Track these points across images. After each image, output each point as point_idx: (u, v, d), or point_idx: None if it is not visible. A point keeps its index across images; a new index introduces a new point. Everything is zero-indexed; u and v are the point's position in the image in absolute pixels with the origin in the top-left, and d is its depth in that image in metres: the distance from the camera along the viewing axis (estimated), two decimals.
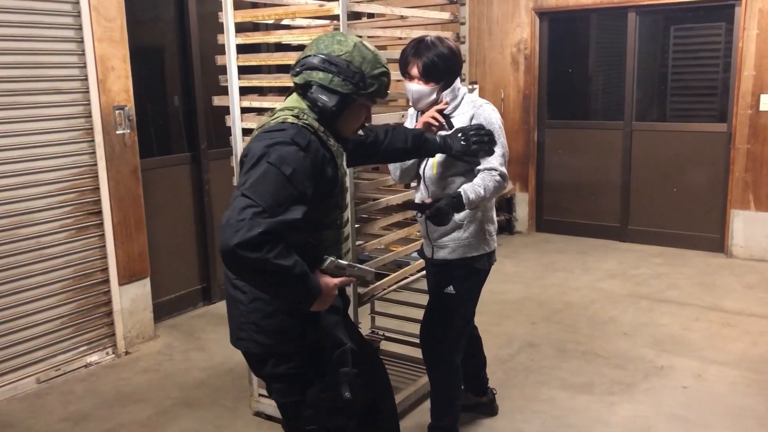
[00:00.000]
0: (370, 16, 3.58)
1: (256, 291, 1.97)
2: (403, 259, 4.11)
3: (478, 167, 2.60)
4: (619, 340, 4.07)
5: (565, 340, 4.09)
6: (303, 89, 1.99)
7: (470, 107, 2.67)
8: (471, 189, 2.54)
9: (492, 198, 2.63)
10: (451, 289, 2.75)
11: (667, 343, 4.02)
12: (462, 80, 3.35)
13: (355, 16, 3.36)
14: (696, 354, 3.85)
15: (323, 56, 1.95)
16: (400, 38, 3.31)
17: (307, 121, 1.93)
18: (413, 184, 2.94)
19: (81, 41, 3.68)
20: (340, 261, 1.99)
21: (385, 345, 3.91)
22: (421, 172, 2.77)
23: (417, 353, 3.75)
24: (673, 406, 3.29)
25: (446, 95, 2.66)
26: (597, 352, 3.92)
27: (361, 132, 2.23)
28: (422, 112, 2.73)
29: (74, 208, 3.76)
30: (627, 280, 5.22)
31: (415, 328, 3.75)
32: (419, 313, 3.73)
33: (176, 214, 4.67)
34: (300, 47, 3.26)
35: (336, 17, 2.61)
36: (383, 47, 4.46)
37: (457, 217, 2.63)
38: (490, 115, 2.63)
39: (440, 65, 2.58)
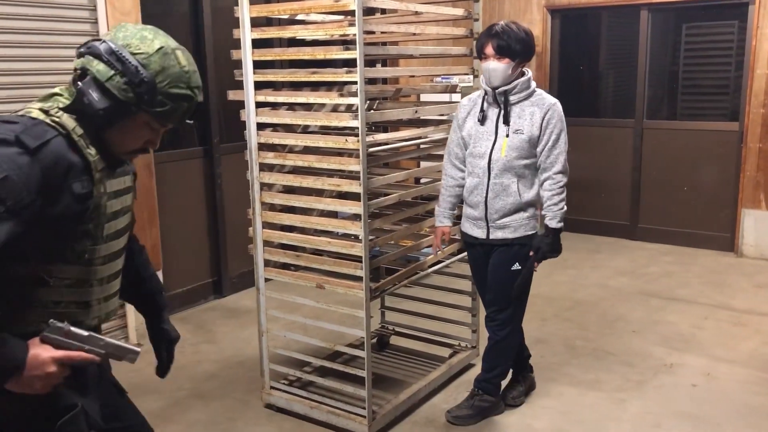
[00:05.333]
0: (384, 11, 3.58)
1: None
2: (414, 255, 4.14)
3: (545, 175, 2.97)
4: (628, 338, 4.07)
5: (574, 337, 4.10)
6: (79, 77, 1.56)
7: (540, 110, 2.93)
8: (553, 215, 2.97)
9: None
10: (517, 265, 3.02)
11: (676, 341, 4.02)
12: (475, 76, 3.38)
13: (369, 11, 3.37)
14: (706, 352, 3.86)
15: (114, 46, 1.50)
16: (414, 34, 3.32)
17: (56, 119, 1.50)
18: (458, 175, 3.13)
19: (96, 35, 3.71)
20: (74, 330, 1.45)
21: (395, 340, 3.93)
22: (484, 158, 2.96)
23: (427, 348, 3.79)
24: (682, 404, 3.29)
25: (521, 84, 2.90)
26: (606, 349, 3.92)
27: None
28: (497, 90, 2.90)
29: None
30: (637, 278, 5.22)
31: (425, 323, 3.80)
32: (430, 309, 3.78)
33: (188, 208, 4.69)
34: (314, 42, 3.28)
35: (351, 13, 2.62)
36: (395, 43, 4.49)
37: (525, 197, 2.96)
38: (561, 115, 2.99)
39: (513, 44, 2.83)
